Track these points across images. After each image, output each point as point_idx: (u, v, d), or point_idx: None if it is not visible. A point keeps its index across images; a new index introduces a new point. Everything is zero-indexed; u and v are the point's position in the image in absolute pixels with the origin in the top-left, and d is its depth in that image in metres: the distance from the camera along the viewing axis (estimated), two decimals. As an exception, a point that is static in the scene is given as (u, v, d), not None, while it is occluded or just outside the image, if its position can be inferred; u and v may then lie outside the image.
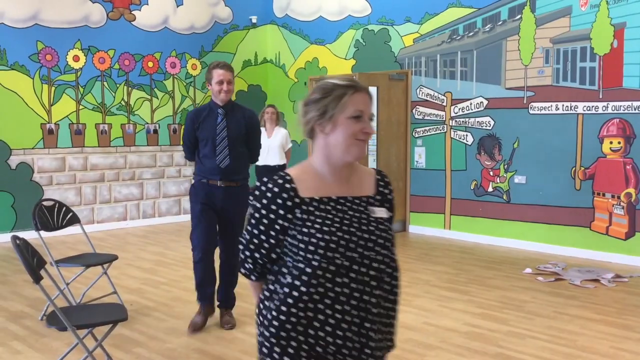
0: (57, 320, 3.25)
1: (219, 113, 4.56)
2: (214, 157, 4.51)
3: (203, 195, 4.56)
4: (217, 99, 4.57)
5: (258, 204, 1.87)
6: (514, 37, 7.64)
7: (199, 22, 9.99)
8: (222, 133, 4.53)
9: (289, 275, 1.83)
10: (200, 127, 4.55)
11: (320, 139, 1.90)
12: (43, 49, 8.51)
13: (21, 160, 8.38)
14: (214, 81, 4.52)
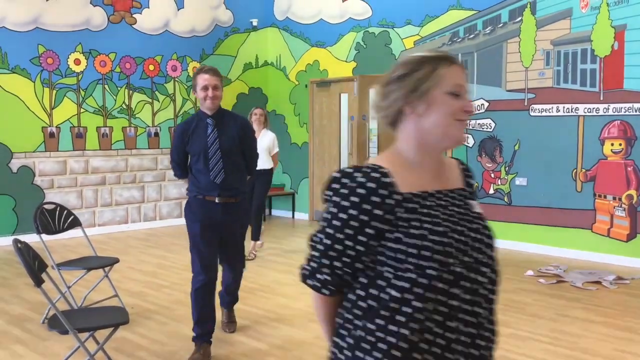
0: (59, 323, 3.25)
1: (208, 123, 4.13)
2: (207, 172, 4.10)
3: (200, 212, 4.12)
4: (203, 107, 4.15)
5: (344, 201, 1.51)
6: (515, 39, 7.64)
7: (199, 25, 10.01)
8: (214, 145, 4.10)
9: (393, 289, 1.49)
10: (190, 140, 4.15)
11: (410, 123, 1.59)
12: (44, 52, 8.52)
13: (22, 163, 8.39)
14: (198, 87, 4.08)
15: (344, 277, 1.55)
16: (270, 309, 5.22)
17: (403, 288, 1.47)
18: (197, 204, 4.16)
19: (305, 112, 10.14)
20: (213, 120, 4.15)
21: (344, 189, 1.51)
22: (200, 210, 4.13)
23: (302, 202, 10.28)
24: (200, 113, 4.21)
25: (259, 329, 4.73)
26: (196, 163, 4.15)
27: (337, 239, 1.52)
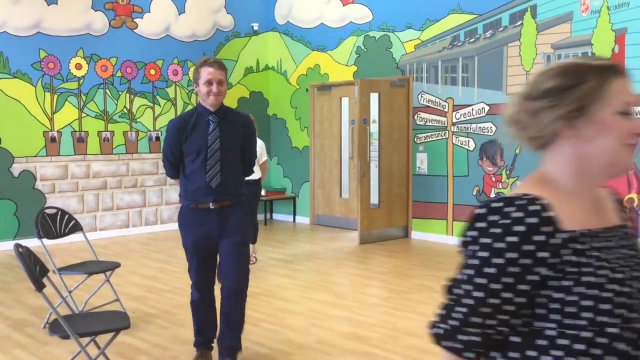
0: (60, 328, 3.25)
1: (210, 121, 3.77)
2: (204, 173, 3.74)
3: (195, 225, 3.75)
4: (205, 102, 3.76)
5: (499, 243, 1.23)
6: (515, 43, 7.65)
7: (200, 30, 10.02)
8: (215, 144, 3.74)
9: (558, 350, 1.23)
10: (189, 138, 3.76)
11: (569, 147, 1.34)
12: (45, 57, 8.53)
13: (24, 168, 8.40)
14: (201, 81, 3.70)
15: (496, 336, 1.27)
16: (271, 313, 5.22)
17: (574, 350, 1.21)
18: (190, 215, 3.82)
19: (306, 116, 10.14)
20: (215, 117, 3.78)
21: (496, 227, 1.24)
22: (194, 221, 3.78)
23: (303, 206, 10.27)
24: (200, 108, 3.82)
25: (260, 333, 4.73)
26: (192, 163, 3.78)
27: (493, 291, 1.23)
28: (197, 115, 3.81)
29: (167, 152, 3.88)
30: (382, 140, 8.64)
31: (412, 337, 4.57)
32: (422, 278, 6.39)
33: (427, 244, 8.34)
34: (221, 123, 3.81)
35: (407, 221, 8.83)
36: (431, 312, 4.52)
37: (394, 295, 5.79)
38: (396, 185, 8.75)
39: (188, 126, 3.79)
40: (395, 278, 6.48)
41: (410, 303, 5.49)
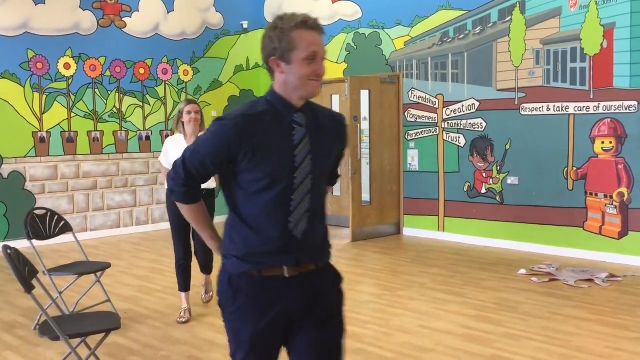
0: (50, 329, 3.23)
1: (296, 123, 2.21)
2: (284, 214, 2.19)
3: (259, 306, 2.20)
4: (297, 91, 2.19)
5: None
6: (505, 38, 7.66)
7: (190, 28, 9.99)
8: (305, 165, 2.20)
9: None
10: (259, 151, 2.15)
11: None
12: (34, 57, 8.48)
13: (13, 169, 8.35)
14: (299, 53, 2.14)
15: None
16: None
17: None
18: (252, 291, 2.24)
19: (297, 114, 10.12)
20: (304, 118, 2.23)
21: None
22: (259, 302, 2.24)
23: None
24: (277, 101, 2.22)
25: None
26: (258, 195, 2.19)
27: None
28: (275, 113, 2.20)
29: (197, 161, 2.22)
30: (373, 138, 8.63)
31: (404, 334, 4.57)
32: (414, 275, 6.40)
33: (418, 240, 8.35)
34: (311, 127, 2.24)
35: (399, 218, 8.84)
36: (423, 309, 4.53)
37: (386, 292, 5.79)
38: (387, 182, 8.75)
39: (258, 130, 2.15)
40: (387, 275, 6.49)
41: (403, 300, 5.49)
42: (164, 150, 5.16)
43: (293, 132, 2.19)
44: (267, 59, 2.23)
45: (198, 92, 10.06)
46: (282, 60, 2.16)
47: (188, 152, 2.27)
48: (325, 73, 2.22)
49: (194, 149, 2.24)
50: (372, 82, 8.60)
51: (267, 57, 2.23)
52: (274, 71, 2.22)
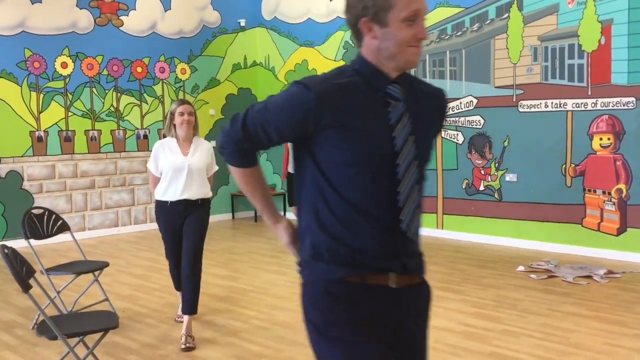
0: (48, 329, 3.22)
1: (392, 96, 1.84)
2: (386, 212, 1.82)
3: (359, 323, 1.82)
4: (393, 60, 1.83)
5: None
6: (502, 35, 7.66)
7: (187, 27, 9.97)
8: (408, 147, 1.85)
9: None
10: (349, 128, 1.78)
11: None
12: (31, 56, 8.46)
13: (10, 168, 8.33)
14: (397, 12, 1.76)
15: None
16: (262, 310, 5.21)
17: None
18: (350, 304, 1.82)
19: (295, 111, 10.11)
20: (401, 90, 1.86)
21: None
22: (358, 318, 1.82)
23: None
24: (369, 71, 1.84)
25: (251, 330, 4.72)
26: (350, 186, 1.80)
27: None
28: (365, 85, 1.82)
29: (260, 123, 1.82)
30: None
31: (403, 331, 4.57)
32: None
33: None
34: (409, 103, 1.87)
35: (397, 215, 8.83)
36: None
37: (384, 289, 5.78)
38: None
39: (346, 104, 1.77)
40: (385, 272, 6.47)
41: (401, 297, 5.48)
42: (153, 155, 4.60)
43: (388, 108, 1.81)
44: (355, 20, 1.80)
45: (195, 90, 10.05)
46: (376, 21, 1.76)
47: (254, 109, 1.84)
48: (427, 37, 1.86)
49: (262, 108, 1.83)
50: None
51: (355, 19, 1.80)
52: (364, 36, 1.81)
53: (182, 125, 4.55)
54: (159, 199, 4.62)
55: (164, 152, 4.57)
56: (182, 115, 4.55)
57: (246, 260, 7.12)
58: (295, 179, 1.90)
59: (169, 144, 4.62)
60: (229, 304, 5.39)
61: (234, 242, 8.35)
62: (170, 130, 4.63)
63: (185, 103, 4.64)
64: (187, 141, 4.62)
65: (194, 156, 4.59)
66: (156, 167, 4.59)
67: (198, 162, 4.58)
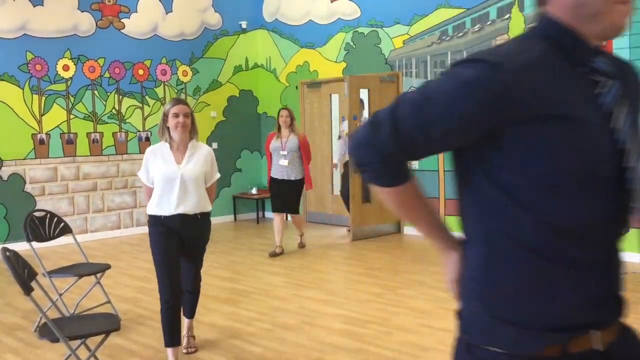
0: (50, 331, 3.23)
1: (600, 72, 1.32)
2: (611, 236, 1.43)
3: None
4: (600, 22, 1.30)
5: None
6: (504, 36, 7.65)
7: (188, 29, 9.98)
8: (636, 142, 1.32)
9: None
10: (552, 112, 1.24)
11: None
12: (32, 59, 8.47)
13: (13, 171, 8.34)
14: None
15: None
16: (264, 312, 5.21)
17: None
18: None
19: (297, 113, 10.09)
20: (610, 64, 1.35)
21: None
22: None
23: (295, 204, 10.24)
24: (560, 35, 1.33)
25: (253, 331, 4.72)
26: (563, 201, 1.27)
27: None
28: (560, 58, 1.32)
29: (420, 125, 1.31)
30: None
31: (405, 333, 4.56)
32: (414, 273, 6.39)
33: (419, 239, 8.34)
34: (624, 81, 1.37)
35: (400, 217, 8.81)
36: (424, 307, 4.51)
37: (386, 291, 5.78)
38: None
39: (549, 85, 1.27)
40: (387, 274, 6.48)
41: (403, 299, 5.48)
42: (144, 163, 4.08)
43: (596, 89, 1.30)
44: None
45: (197, 92, 10.05)
46: None
47: (405, 104, 1.30)
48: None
49: (420, 101, 1.29)
50: (371, 81, 8.59)
51: None
52: None
53: (176, 129, 3.96)
54: (151, 213, 3.99)
55: (155, 160, 3.99)
56: (177, 116, 3.94)
57: (248, 262, 7.12)
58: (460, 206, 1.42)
59: (161, 150, 4.02)
60: (231, 306, 5.39)
61: (235, 244, 8.35)
62: (163, 133, 4.03)
63: (181, 103, 4.03)
64: (182, 146, 4.03)
65: (188, 164, 3.99)
66: (147, 176, 4.03)
67: (193, 171, 3.97)
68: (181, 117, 3.95)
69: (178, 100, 4.08)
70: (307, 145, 7.46)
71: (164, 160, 3.99)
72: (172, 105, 4.00)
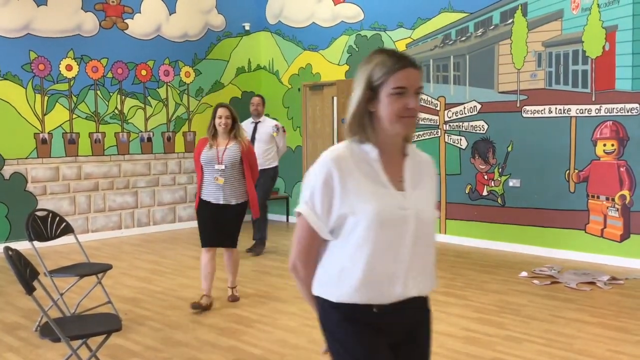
0: (51, 331, 3.23)
1: None
2: None
3: None
4: None
5: None
6: (506, 41, 7.66)
7: (192, 30, 9.99)
8: None
9: None
10: None
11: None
12: (36, 58, 8.49)
13: (15, 170, 8.35)
14: None
15: None
16: (265, 314, 5.21)
17: None
18: None
19: (299, 115, 10.13)
20: None
21: None
22: None
23: (296, 206, 10.23)
24: None
25: (254, 333, 4.72)
26: None
27: None
28: None
29: None
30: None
31: (405, 336, 4.56)
32: (415, 277, 6.38)
33: (420, 242, 8.33)
34: None
35: (400, 220, 8.82)
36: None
37: (387, 294, 5.77)
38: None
39: None
40: (388, 277, 6.47)
41: (404, 302, 5.48)
42: (319, 192, 1.84)
43: None
44: None
45: (199, 93, 10.06)
46: None
47: None
48: None
49: None
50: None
51: None
52: None
53: (401, 121, 1.99)
54: (343, 300, 2.01)
55: (354, 180, 1.93)
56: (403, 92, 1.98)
57: (249, 264, 7.12)
58: None
59: (362, 159, 2.00)
60: (232, 307, 5.39)
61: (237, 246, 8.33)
62: (362, 127, 1.98)
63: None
64: (397, 154, 2.11)
65: (416, 190, 2.13)
66: (327, 220, 2.01)
67: (428, 204, 2.21)
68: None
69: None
70: (253, 156, 5.57)
71: (373, 182, 1.94)
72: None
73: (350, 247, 1.91)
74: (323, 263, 1.98)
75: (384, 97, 1.88)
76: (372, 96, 1.90)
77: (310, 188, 1.97)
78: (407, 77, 1.88)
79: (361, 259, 1.88)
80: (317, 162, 1.98)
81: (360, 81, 1.92)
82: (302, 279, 2.04)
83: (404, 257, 1.94)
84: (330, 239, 1.96)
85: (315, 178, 1.95)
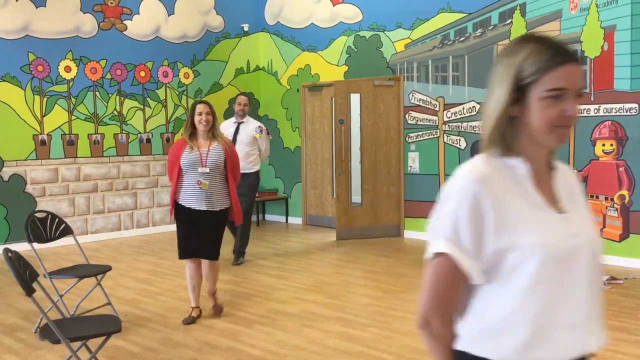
0: (50, 332, 3.23)
1: None
2: None
3: None
4: None
5: None
6: (505, 41, 7.67)
7: (190, 31, 9.99)
8: None
9: None
10: None
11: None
12: (34, 60, 8.48)
13: (14, 172, 8.35)
14: None
15: None
16: (264, 315, 5.21)
17: None
18: None
19: (298, 116, 10.13)
20: None
21: None
22: None
23: (295, 207, 10.26)
24: None
25: (253, 334, 4.72)
26: None
27: None
28: None
29: None
30: (364, 140, 8.70)
31: (405, 337, 4.56)
32: (415, 277, 6.39)
33: (419, 242, 8.34)
34: None
35: (399, 220, 8.83)
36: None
37: (386, 294, 5.78)
38: (383, 184, 8.78)
39: None
40: (388, 277, 6.48)
41: (403, 302, 5.49)
42: (464, 222, 1.61)
43: None
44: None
45: (198, 95, 10.07)
46: None
47: None
48: None
49: None
50: (363, 86, 8.63)
51: None
52: None
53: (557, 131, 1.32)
54: None
55: (503, 205, 1.62)
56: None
57: (248, 265, 7.12)
58: None
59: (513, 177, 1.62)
60: (231, 308, 5.39)
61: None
62: (501, 134, 1.16)
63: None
64: (544, 167, 1.91)
65: (575, 212, 1.38)
66: (476, 252, 1.69)
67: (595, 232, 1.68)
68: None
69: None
70: (236, 157, 5.21)
71: (529, 205, 1.56)
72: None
73: (514, 291, 1.48)
74: (474, 312, 1.55)
75: (534, 100, 1.47)
76: (517, 98, 1.49)
77: (451, 219, 1.52)
78: (568, 76, 1.46)
79: (532, 306, 1.48)
80: (453, 184, 1.58)
81: (504, 79, 1.50)
82: (439, 338, 1.55)
83: (581, 301, 1.53)
84: (481, 283, 1.52)
85: (457, 205, 1.52)
